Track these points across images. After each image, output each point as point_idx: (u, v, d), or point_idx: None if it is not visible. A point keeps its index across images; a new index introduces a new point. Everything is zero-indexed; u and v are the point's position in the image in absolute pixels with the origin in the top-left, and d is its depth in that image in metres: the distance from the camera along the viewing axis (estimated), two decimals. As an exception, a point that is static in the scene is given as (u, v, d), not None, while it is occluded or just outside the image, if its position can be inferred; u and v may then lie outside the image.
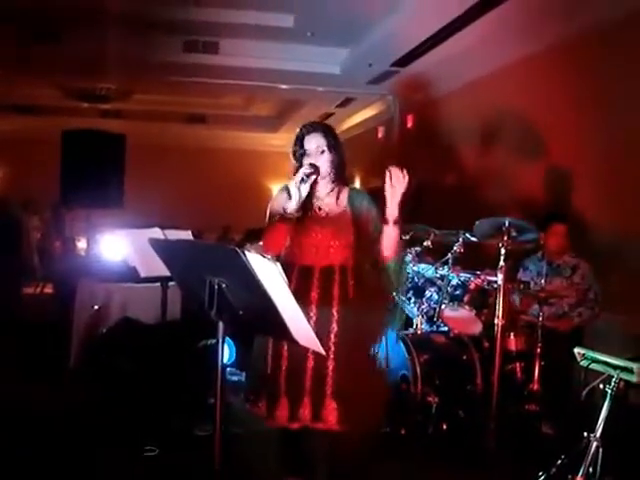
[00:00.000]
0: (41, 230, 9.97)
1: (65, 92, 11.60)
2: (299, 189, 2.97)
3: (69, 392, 5.06)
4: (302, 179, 2.97)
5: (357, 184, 12.67)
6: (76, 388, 5.11)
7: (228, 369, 4.81)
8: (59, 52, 8.55)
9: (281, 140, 14.54)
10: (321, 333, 2.13)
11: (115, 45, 8.12)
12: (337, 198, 3.19)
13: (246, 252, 1.95)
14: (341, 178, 3.19)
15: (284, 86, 10.29)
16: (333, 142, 3.14)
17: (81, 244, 10.23)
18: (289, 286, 2.03)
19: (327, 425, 3.02)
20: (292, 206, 2.99)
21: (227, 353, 4.61)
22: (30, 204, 9.12)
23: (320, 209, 3.18)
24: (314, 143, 3.13)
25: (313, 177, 3.03)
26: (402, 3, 6.93)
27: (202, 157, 14.93)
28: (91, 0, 7.23)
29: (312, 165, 3.04)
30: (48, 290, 8.76)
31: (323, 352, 2.26)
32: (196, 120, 14.04)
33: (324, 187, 3.20)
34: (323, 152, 3.12)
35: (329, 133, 3.16)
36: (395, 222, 3.03)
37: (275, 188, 16.21)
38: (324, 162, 3.12)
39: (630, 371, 3.04)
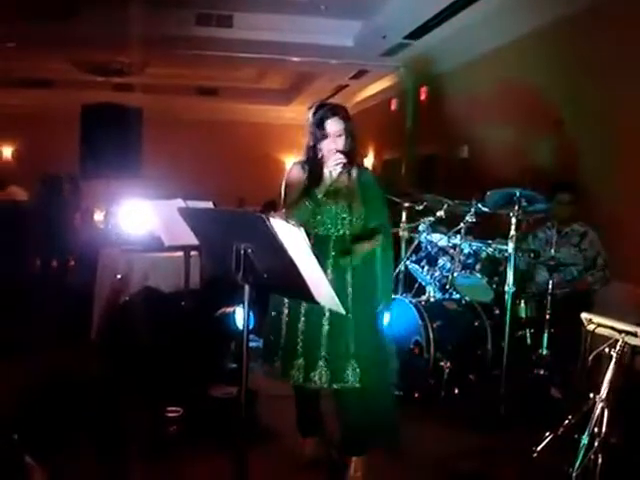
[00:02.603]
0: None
1: (79, 66, 11.65)
2: (331, 172, 3.27)
3: (91, 360, 5.22)
4: (337, 164, 3.22)
5: (371, 155, 12.75)
6: (98, 356, 5.27)
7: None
8: (73, 28, 8.61)
9: (294, 112, 14.58)
10: (338, 298, 2.29)
11: (129, 19, 8.17)
12: (349, 176, 3.35)
13: (271, 219, 2.09)
14: (353, 159, 3.34)
15: (297, 59, 10.34)
16: (350, 127, 3.31)
17: (97, 216, 10.35)
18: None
19: (347, 384, 3.22)
20: (323, 187, 3.28)
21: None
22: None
23: (332, 186, 3.35)
24: (335, 127, 3.28)
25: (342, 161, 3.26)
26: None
27: (215, 129, 14.97)
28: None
29: (345, 154, 3.24)
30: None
31: (343, 311, 2.40)
32: (209, 93, 14.07)
33: (337, 168, 3.35)
34: (340, 136, 3.29)
35: (347, 117, 3.32)
36: None
37: (288, 160, 16.28)
38: (341, 145, 3.29)
39: (635, 335, 3.14)
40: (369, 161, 12.57)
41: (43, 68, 12.00)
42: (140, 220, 5.79)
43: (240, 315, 4.85)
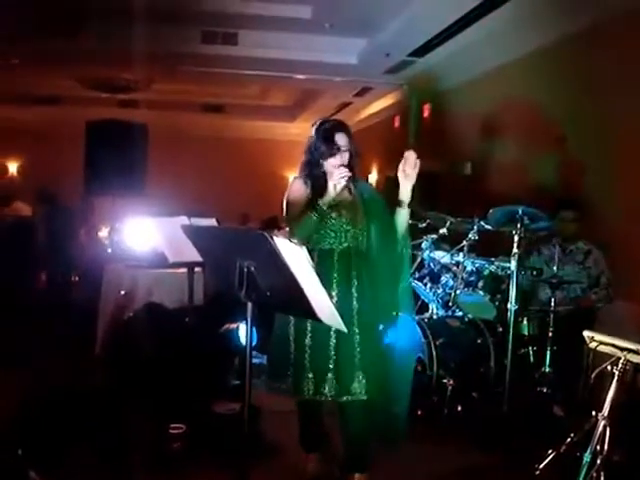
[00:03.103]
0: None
1: (84, 83, 11.73)
2: (335, 186, 3.25)
3: (95, 375, 5.24)
4: (342, 178, 3.23)
5: (374, 173, 12.79)
6: (102, 371, 5.29)
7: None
8: (78, 44, 8.68)
9: (298, 129, 14.64)
10: (343, 311, 2.31)
11: (134, 36, 8.26)
12: (350, 190, 3.41)
13: (274, 237, 2.12)
14: (355, 174, 3.39)
15: (302, 76, 10.42)
16: (352, 143, 3.37)
17: (102, 233, 10.41)
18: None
19: (354, 396, 3.23)
20: (327, 200, 3.26)
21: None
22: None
23: (335, 200, 3.36)
24: (342, 141, 3.34)
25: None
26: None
27: (220, 146, 15.03)
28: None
29: (349, 168, 3.28)
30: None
31: (345, 329, 2.43)
32: (214, 109, 14.13)
33: (338, 188, 3.37)
34: (346, 151, 3.35)
35: (350, 133, 3.39)
36: (407, 205, 3.31)
37: (292, 176, 16.33)
38: (346, 160, 3.35)
39: (637, 353, 3.15)
40: (373, 178, 12.62)
41: (48, 85, 12.07)
42: (144, 237, 5.83)
43: (243, 331, 4.87)
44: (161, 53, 8.90)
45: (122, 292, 5.68)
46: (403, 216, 3.36)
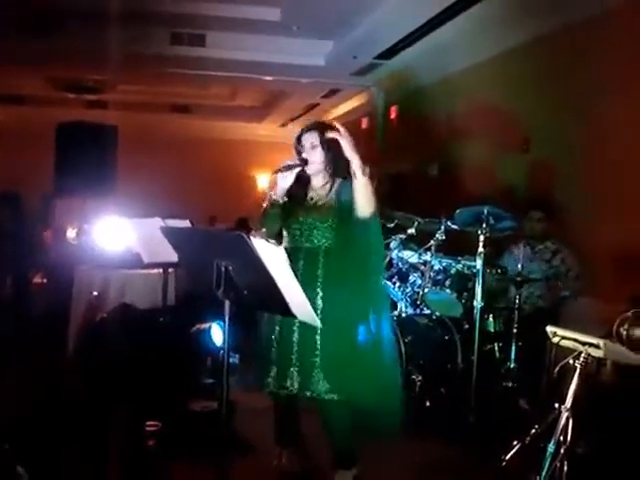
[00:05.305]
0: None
1: (52, 83, 11.66)
2: (282, 179, 3.34)
3: (68, 376, 5.24)
4: (280, 169, 3.33)
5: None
6: (75, 372, 5.29)
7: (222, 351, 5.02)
8: (47, 45, 8.66)
9: (266, 130, 14.71)
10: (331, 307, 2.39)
11: (103, 37, 8.25)
12: (330, 190, 3.44)
13: (251, 237, 2.21)
14: (337, 172, 3.41)
15: (269, 78, 10.48)
16: (326, 139, 3.34)
17: (70, 233, 10.33)
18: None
19: (315, 394, 3.29)
20: (277, 193, 3.36)
21: (221, 336, 4.82)
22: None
23: (311, 199, 3.46)
24: (308, 140, 3.41)
25: (296, 169, 3.36)
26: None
27: (188, 147, 14.97)
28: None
29: (300, 159, 3.38)
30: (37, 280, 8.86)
31: (319, 324, 2.51)
32: (181, 110, 14.13)
33: (319, 180, 3.48)
34: (315, 147, 3.39)
35: (324, 131, 3.37)
36: (363, 172, 3.19)
37: (259, 177, 16.38)
38: (317, 157, 3.40)
39: (597, 347, 3.27)
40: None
41: (14, 84, 11.97)
42: (116, 237, 5.85)
43: (215, 331, 4.93)
44: (130, 54, 8.90)
45: (94, 293, 5.69)
46: (360, 186, 3.21)
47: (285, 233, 3.48)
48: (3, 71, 10.54)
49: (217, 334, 4.90)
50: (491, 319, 5.13)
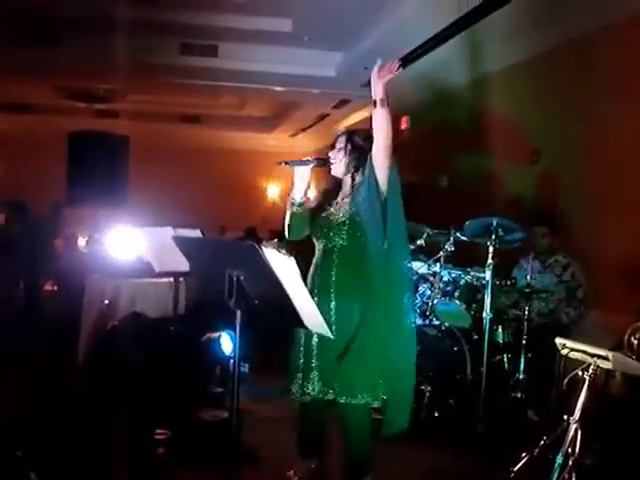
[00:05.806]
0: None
1: (62, 92, 11.75)
2: (299, 178, 3.38)
3: (78, 384, 5.26)
4: (287, 162, 3.39)
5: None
6: (85, 380, 5.30)
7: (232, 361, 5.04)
8: (57, 54, 8.74)
9: (276, 140, 14.75)
10: (321, 309, 2.39)
11: (113, 47, 8.32)
12: (352, 199, 3.37)
13: (263, 247, 2.23)
14: (355, 171, 3.38)
15: (280, 88, 10.54)
16: (351, 145, 3.36)
17: (81, 242, 10.39)
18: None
19: (334, 396, 3.27)
20: (295, 194, 3.41)
21: (231, 345, 4.84)
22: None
23: (331, 206, 3.43)
24: (338, 143, 3.42)
25: (311, 164, 3.38)
26: (397, 8, 7.19)
27: (198, 157, 15.05)
28: (90, 3, 7.46)
29: (320, 158, 3.43)
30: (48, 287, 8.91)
31: (331, 335, 2.52)
32: (192, 120, 14.22)
33: (345, 189, 3.45)
34: (340, 150, 3.39)
35: (353, 138, 3.39)
36: (382, 104, 3.20)
37: (269, 187, 16.40)
38: (339, 160, 3.40)
39: (606, 358, 3.28)
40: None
41: (24, 93, 12.05)
42: (128, 246, 5.88)
43: (225, 340, 4.95)
44: (140, 63, 8.96)
45: (105, 302, 5.71)
46: (378, 116, 3.21)
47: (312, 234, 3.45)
48: (13, 80, 10.63)
49: (227, 343, 4.92)
50: (500, 330, 5.14)
